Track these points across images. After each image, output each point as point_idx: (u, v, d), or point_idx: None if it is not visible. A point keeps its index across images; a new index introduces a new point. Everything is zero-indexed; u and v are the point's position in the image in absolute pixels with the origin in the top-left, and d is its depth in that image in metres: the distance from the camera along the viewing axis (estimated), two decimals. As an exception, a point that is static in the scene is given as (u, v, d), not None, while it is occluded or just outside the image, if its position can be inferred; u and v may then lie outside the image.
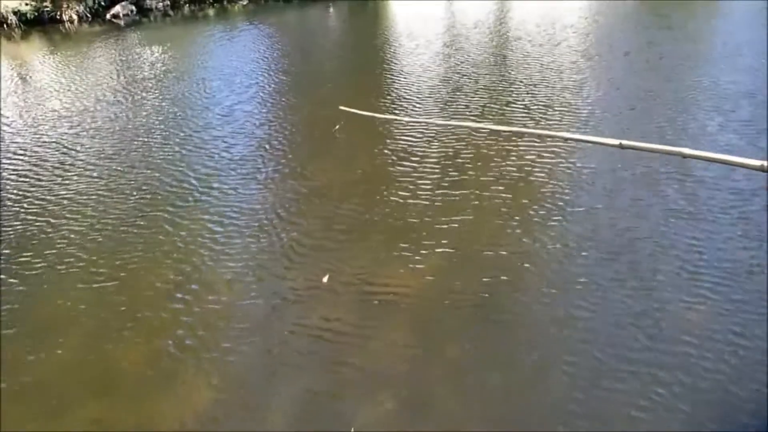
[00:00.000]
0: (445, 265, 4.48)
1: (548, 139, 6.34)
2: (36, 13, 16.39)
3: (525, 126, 7.04)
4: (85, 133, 7.87)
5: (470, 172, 5.89)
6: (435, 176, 5.87)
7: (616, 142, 2.37)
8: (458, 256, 4.58)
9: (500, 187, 5.53)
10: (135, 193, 6.01)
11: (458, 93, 8.48)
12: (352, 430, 3.19)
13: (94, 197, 6.00)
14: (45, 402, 3.54)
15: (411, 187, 5.68)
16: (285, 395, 3.47)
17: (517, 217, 5.02)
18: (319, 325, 3.99)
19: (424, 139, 6.76)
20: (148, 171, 6.51)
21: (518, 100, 7.91)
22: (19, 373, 3.75)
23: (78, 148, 7.37)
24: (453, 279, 4.32)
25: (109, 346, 3.93)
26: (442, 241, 4.75)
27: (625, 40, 11.07)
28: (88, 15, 16.88)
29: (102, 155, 7.09)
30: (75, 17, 16.68)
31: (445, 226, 4.95)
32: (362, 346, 3.78)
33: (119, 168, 6.66)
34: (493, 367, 3.54)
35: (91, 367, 3.78)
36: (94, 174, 6.56)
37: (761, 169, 2.30)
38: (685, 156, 2.52)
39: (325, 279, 4.46)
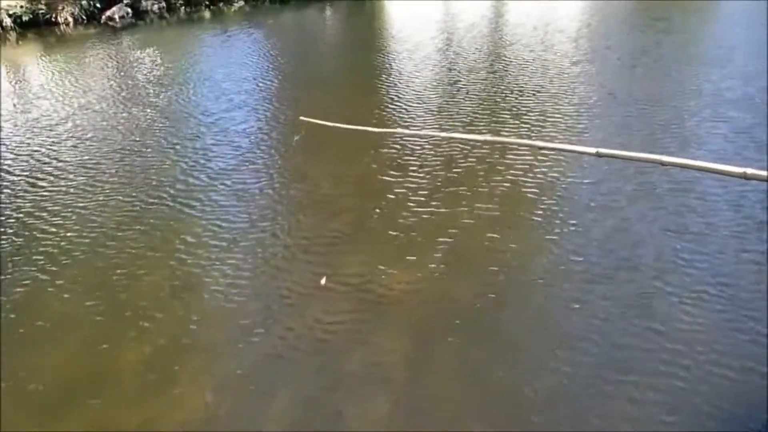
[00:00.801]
0: (434, 280, 4.40)
1: (523, 148, 6.22)
2: (31, 15, 16.36)
3: (516, 135, 6.92)
4: (65, 142, 7.68)
5: (459, 184, 5.75)
6: (423, 186, 5.78)
7: (593, 150, 2.32)
8: (446, 272, 4.48)
9: (490, 200, 5.41)
10: (114, 205, 5.85)
11: (449, 99, 8.39)
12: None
13: (72, 210, 5.81)
14: (41, 406, 3.54)
15: (400, 197, 5.59)
16: (282, 396, 3.46)
17: (508, 229, 4.94)
18: (312, 334, 3.96)
19: (412, 148, 6.64)
20: (128, 184, 6.31)
21: (510, 107, 7.82)
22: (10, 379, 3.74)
23: (57, 159, 7.15)
24: (442, 293, 4.24)
25: (97, 355, 3.89)
26: (432, 256, 4.66)
27: (620, 44, 11.03)
28: (84, 17, 16.85)
29: (82, 166, 6.88)
30: (70, 19, 16.65)
31: (434, 241, 4.84)
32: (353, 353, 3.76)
33: (99, 179, 6.46)
34: (479, 379, 3.50)
35: (82, 375, 3.75)
36: (73, 185, 6.36)
37: (743, 176, 2.27)
38: (664, 164, 2.48)
39: (322, 281, 4.42)
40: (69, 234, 5.37)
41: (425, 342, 3.81)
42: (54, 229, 5.47)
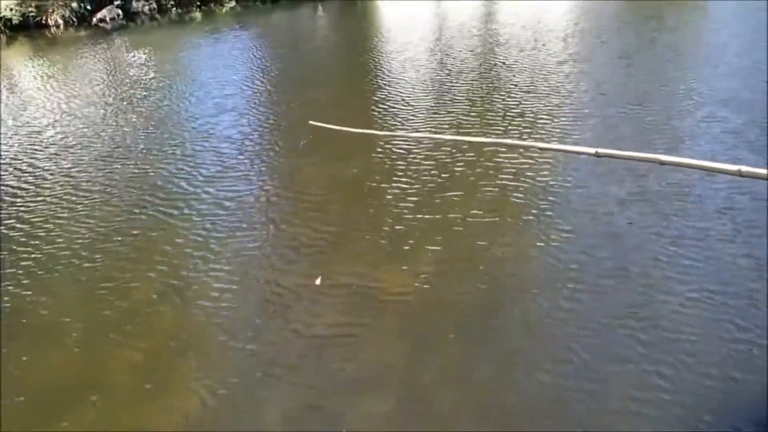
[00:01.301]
0: (423, 287, 4.35)
1: (525, 150, 6.19)
2: (21, 18, 16.28)
3: (506, 136, 6.88)
4: (48, 149, 7.58)
5: (453, 189, 5.68)
6: (414, 190, 5.72)
7: (592, 150, 2.37)
8: (436, 279, 4.42)
9: (483, 204, 5.35)
10: (94, 216, 5.75)
11: (441, 101, 8.36)
12: None
13: (54, 221, 5.70)
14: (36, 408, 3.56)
15: (391, 201, 5.55)
16: (278, 398, 3.47)
17: (501, 235, 4.89)
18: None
19: (404, 151, 6.61)
20: (108, 194, 6.19)
21: (500, 108, 7.79)
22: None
23: (39, 167, 7.03)
24: (432, 301, 4.20)
25: (80, 366, 3.90)
26: (422, 262, 4.62)
27: (611, 43, 11.07)
28: (74, 19, 16.80)
29: (64, 175, 6.76)
30: (60, 22, 16.60)
31: (424, 246, 4.78)
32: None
33: (81, 189, 6.35)
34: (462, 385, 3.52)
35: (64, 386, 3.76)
36: (55, 195, 6.25)
37: (738, 173, 2.33)
38: (662, 163, 2.53)
39: (317, 281, 4.44)
40: (50, 245, 5.29)
41: (415, 349, 3.79)
42: (35, 241, 5.38)
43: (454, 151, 6.41)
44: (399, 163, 6.33)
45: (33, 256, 5.16)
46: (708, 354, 3.51)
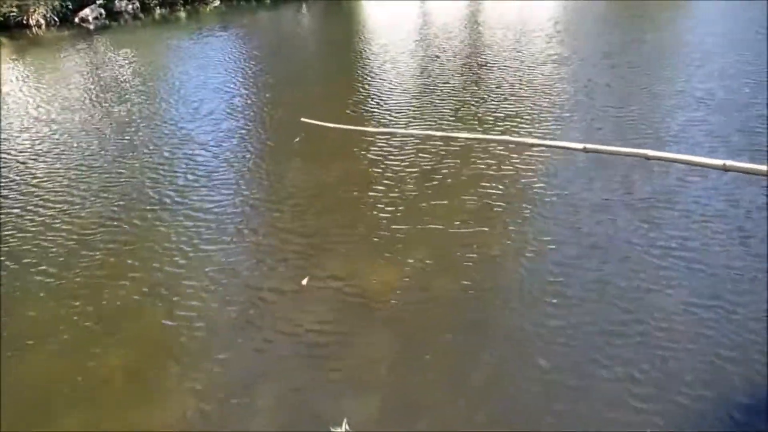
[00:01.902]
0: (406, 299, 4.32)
1: (514, 146, 6.20)
2: (2, 19, 16.07)
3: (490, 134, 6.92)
4: (18, 156, 7.40)
5: (435, 195, 5.64)
6: (397, 198, 5.67)
7: (580, 146, 2.41)
8: (418, 290, 4.38)
9: (467, 210, 5.32)
10: (66, 228, 5.60)
11: (423, 103, 8.34)
12: (344, 423, 3.23)
13: (23, 234, 5.55)
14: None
15: (372, 208, 5.52)
16: (269, 399, 3.49)
17: (487, 241, 4.86)
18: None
19: (394, 150, 6.61)
20: (81, 205, 6.03)
21: (483, 110, 7.78)
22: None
23: (6, 176, 6.83)
24: (414, 313, 4.17)
25: (78, 362, 3.90)
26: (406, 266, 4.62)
27: (595, 43, 11.14)
28: (56, 19, 16.59)
29: (34, 184, 6.58)
30: (42, 21, 16.39)
31: (409, 255, 4.74)
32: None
33: (52, 199, 6.18)
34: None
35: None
36: (24, 206, 6.08)
37: (722, 168, 2.38)
38: (648, 158, 2.58)
39: (304, 282, 4.44)
40: (21, 260, 5.16)
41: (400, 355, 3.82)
42: (3, 255, 5.26)
43: (439, 153, 6.41)
44: (380, 167, 6.28)
45: (3, 269, 5.05)
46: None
